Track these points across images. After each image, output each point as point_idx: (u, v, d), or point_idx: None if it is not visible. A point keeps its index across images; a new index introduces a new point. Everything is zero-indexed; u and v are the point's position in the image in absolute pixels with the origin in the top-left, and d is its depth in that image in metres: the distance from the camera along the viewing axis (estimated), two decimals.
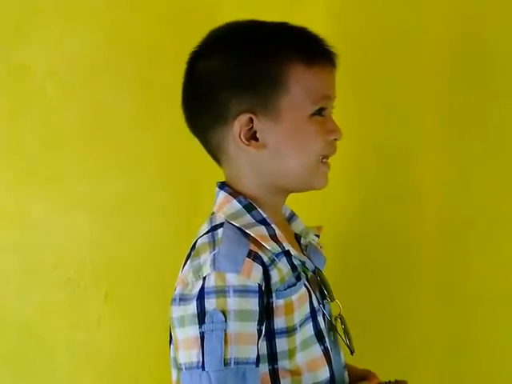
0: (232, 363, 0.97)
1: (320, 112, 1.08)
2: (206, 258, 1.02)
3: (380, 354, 1.49)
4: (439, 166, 1.51)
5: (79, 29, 1.45)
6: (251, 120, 1.06)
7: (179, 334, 1.01)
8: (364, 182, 1.52)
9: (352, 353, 1.13)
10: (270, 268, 1.02)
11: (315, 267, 1.12)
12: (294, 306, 1.04)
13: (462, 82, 1.49)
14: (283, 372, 1.04)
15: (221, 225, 1.06)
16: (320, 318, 1.09)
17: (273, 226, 1.06)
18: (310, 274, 1.10)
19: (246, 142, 1.07)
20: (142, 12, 1.47)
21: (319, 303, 1.10)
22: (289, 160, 1.09)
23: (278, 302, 1.02)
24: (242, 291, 0.99)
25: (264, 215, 1.07)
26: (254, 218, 1.07)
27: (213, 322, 0.97)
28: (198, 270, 1.01)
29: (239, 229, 1.04)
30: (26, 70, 1.45)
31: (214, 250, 1.02)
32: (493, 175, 1.50)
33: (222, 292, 0.98)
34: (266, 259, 1.02)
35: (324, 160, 1.10)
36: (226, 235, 1.04)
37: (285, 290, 1.03)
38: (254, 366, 0.98)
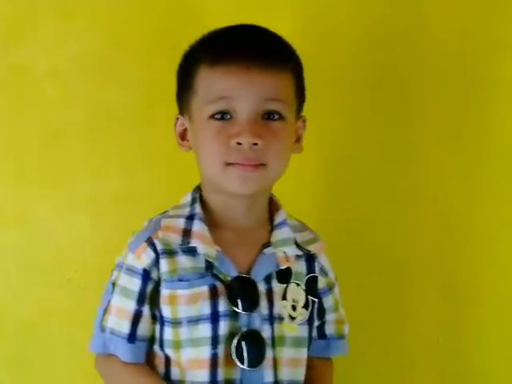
0: (107, 331, 1.08)
1: (223, 115, 1.05)
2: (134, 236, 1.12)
3: (380, 354, 1.49)
4: (439, 166, 1.51)
5: (79, 29, 1.45)
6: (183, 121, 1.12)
7: None
8: (363, 182, 1.51)
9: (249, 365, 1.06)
10: (161, 257, 1.07)
11: (241, 275, 1.08)
12: (179, 300, 1.06)
13: (462, 81, 1.49)
14: (172, 360, 1.07)
15: (163, 212, 1.14)
16: (224, 323, 1.06)
17: (196, 221, 1.09)
18: (227, 278, 1.07)
19: (180, 142, 1.14)
20: (141, 12, 1.47)
21: (236, 310, 1.06)
22: (200, 162, 1.11)
23: (163, 291, 1.07)
24: (130, 270, 1.07)
25: (197, 210, 1.10)
26: (189, 212, 1.11)
27: (106, 291, 1.09)
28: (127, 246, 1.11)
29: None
30: (26, 69, 1.45)
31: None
32: (493, 175, 1.50)
33: (119, 267, 1.10)
34: (160, 248, 1.07)
35: (232, 166, 1.05)
36: (152, 221, 1.12)
37: (172, 281, 1.06)
38: (126, 340, 1.06)
